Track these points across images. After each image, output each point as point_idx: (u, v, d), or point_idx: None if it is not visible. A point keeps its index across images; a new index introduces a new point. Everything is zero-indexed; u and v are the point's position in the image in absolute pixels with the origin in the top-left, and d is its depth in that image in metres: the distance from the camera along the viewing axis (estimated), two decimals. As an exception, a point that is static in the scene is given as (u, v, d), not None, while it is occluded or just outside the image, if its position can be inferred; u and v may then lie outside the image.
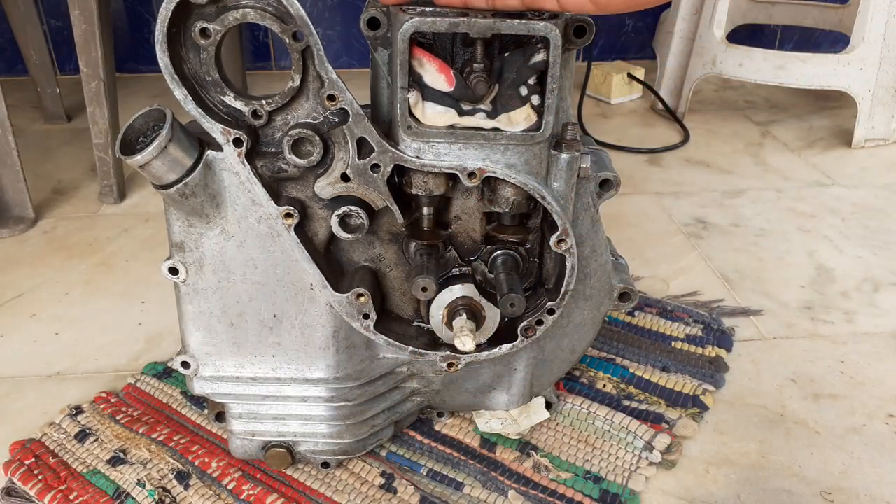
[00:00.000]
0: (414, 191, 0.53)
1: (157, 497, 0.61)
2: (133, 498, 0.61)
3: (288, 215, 0.53)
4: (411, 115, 0.49)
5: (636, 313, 0.84)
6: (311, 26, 0.47)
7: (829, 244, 1.01)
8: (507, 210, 0.54)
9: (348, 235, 0.54)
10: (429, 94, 0.49)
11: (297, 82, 0.50)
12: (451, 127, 0.50)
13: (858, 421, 0.70)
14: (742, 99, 1.60)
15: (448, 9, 0.47)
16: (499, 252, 0.57)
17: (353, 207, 0.53)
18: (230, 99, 0.51)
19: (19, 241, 1.04)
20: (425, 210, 0.55)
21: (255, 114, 0.51)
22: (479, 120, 0.50)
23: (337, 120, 0.50)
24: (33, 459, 0.65)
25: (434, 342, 0.59)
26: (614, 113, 1.54)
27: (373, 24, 0.50)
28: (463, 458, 0.65)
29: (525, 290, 0.59)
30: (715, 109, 1.54)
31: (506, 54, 0.50)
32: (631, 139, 1.37)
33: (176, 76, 0.48)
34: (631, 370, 0.75)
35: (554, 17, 0.47)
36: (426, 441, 0.67)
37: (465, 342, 0.54)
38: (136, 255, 1.00)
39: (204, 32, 0.48)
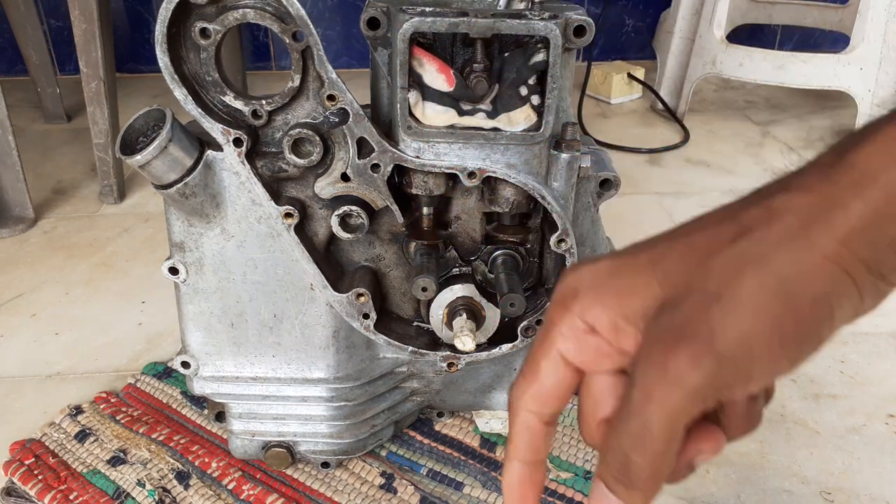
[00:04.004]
0: (414, 191, 0.53)
1: (157, 497, 0.61)
2: (133, 498, 0.61)
3: (288, 215, 0.53)
4: (411, 114, 0.49)
5: (636, 313, 0.84)
6: (311, 26, 0.47)
7: (829, 244, 1.01)
8: (507, 210, 0.54)
9: (348, 235, 0.54)
10: (429, 93, 0.49)
11: (297, 82, 0.50)
12: (451, 127, 0.50)
13: (858, 421, 0.70)
14: (742, 99, 1.60)
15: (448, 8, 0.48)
16: (499, 252, 0.57)
17: (353, 207, 0.53)
18: (230, 99, 0.51)
19: (19, 241, 1.04)
20: (425, 210, 0.55)
21: (255, 114, 0.51)
22: (479, 120, 0.50)
23: (337, 120, 0.50)
24: (33, 459, 0.65)
25: (434, 342, 0.59)
26: (614, 113, 1.54)
27: (373, 24, 0.50)
28: (463, 458, 0.65)
29: (525, 289, 0.59)
30: (715, 109, 1.54)
31: (506, 54, 0.50)
32: (631, 139, 1.37)
33: (176, 76, 0.48)
34: (631, 370, 0.75)
35: (554, 17, 0.47)
36: (426, 441, 0.67)
37: (465, 342, 0.54)
38: (136, 255, 1.00)
39: (204, 32, 0.48)
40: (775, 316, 0.27)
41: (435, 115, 0.49)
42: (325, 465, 0.63)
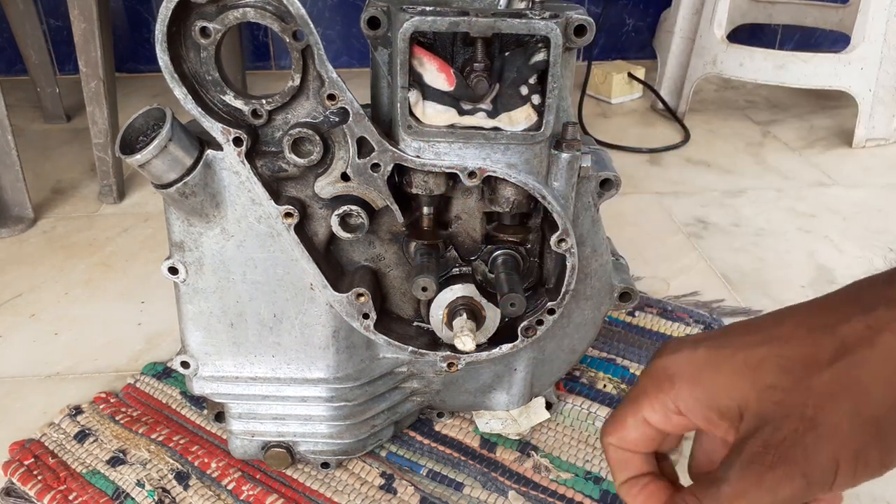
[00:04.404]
0: (414, 190, 0.53)
1: (156, 497, 0.61)
2: (132, 498, 0.61)
3: (288, 215, 0.53)
4: (411, 114, 0.49)
5: (636, 313, 0.84)
6: (312, 25, 0.47)
7: (830, 244, 1.01)
8: (507, 210, 0.54)
9: (348, 235, 0.54)
10: (429, 93, 0.49)
11: (298, 81, 0.50)
12: (452, 126, 0.50)
13: (859, 421, 0.70)
14: (742, 98, 1.60)
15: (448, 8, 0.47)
16: (499, 252, 0.57)
17: (353, 207, 0.52)
18: (230, 98, 0.51)
19: (19, 241, 1.04)
20: (425, 210, 0.55)
21: (254, 113, 0.51)
22: (479, 119, 0.49)
23: (337, 119, 0.50)
24: (33, 460, 0.65)
25: (434, 342, 0.59)
26: (614, 113, 1.54)
27: (373, 23, 0.50)
28: (463, 458, 0.65)
29: (525, 289, 0.59)
30: (715, 109, 1.54)
31: (506, 54, 0.50)
32: (631, 139, 1.37)
33: (176, 75, 0.48)
34: (631, 370, 0.75)
35: (554, 16, 0.47)
36: (426, 441, 0.67)
37: (465, 342, 0.54)
38: (135, 254, 1.00)
39: (204, 32, 0.47)
40: (864, 445, 0.30)
41: (435, 114, 0.49)
42: (325, 465, 0.63)
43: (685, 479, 0.40)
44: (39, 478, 0.63)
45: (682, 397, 0.34)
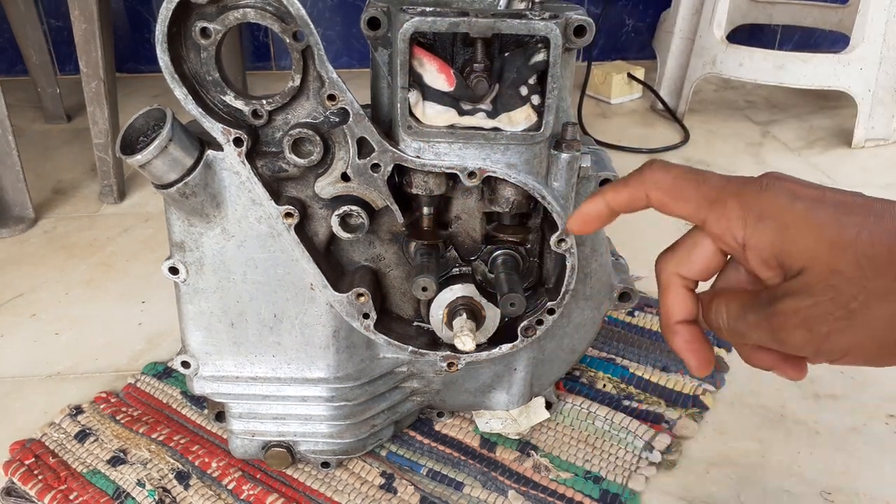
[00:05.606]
0: (414, 191, 0.53)
1: (157, 497, 0.61)
2: (133, 498, 0.61)
3: (288, 215, 0.53)
4: (411, 114, 0.49)
5: (636, 313, 0.84)
6: (312, 26, 0.47)
7: (829, 244, 1.01)
8: (507, 210, 0.54)
9: (348, 235, 0.54)
10: (429, 93, 0.49)
11: (298, 82, 0.50)
12: (452, 127, 0.50)
13: (858, 421, 0.70)
14: (742, 99, 1.60)
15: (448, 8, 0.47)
16: (499, 252, 0.57)
17: (354, 207, 0.53)
18: (230, 98, 0.51)
19: (19, 241, 1.04)
20: (425, 210, 0.55)
21: (255, 113, 0.51)
22: (479, 120, 0.50)
23: (337, 120, 0.50)
24: (33, 459, 0.65)
25: (434, 342, 0.59)
26: (614, 113, 1.54)
27: (373, 23, 0.50)
28: (463, 458, 0.65)
29: (525, 289, 0.59)
30: (715, 109, 1.54)
31: (506, 54, 0.50)
32: (631, 139, 1.37)
33: (176, 76, 0.48)
34: (631, 370, 0.75)
35: (554, 17, 0.47)
36: (426, 441, 0.67)
37: (465, 342, 0.54)
38: (136, 254, 1.00)
39: (204, 32, 0.48)
40: (890, 344, 0.32)
41: (435, 114, 0.49)
42: (325, 464, 0.63)
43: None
44: (40, 477, 0.63)
45: (757, 235, 0.37)
